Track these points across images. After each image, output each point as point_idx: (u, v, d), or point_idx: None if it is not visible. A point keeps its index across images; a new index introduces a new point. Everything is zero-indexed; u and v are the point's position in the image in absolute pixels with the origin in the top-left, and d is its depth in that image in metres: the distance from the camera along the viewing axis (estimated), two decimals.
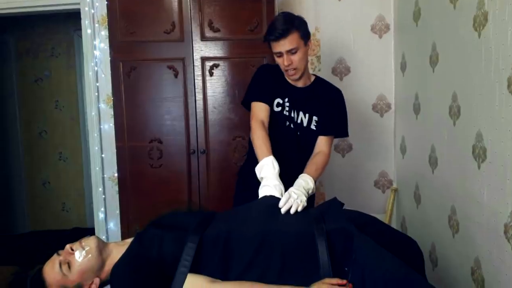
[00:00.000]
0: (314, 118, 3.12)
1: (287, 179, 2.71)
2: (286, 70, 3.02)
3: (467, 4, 2.98)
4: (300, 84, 3.15)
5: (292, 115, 3.12)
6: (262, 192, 2.65)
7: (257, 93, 3.14)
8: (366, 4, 4.69)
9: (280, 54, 2.95)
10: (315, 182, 2.86)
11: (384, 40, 4.72)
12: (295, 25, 2.90)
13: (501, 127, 2.61)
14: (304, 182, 2.75)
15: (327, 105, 3.16)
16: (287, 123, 3.11)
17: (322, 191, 4.78)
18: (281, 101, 3.12)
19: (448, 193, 3.42)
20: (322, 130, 3.14)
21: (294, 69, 2.99)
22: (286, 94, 3.12)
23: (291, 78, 3.08)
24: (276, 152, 2.85)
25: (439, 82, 3.51)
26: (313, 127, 3.13)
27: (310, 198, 3.04)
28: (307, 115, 3.12)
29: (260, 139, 2.95)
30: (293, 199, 2.46)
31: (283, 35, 2.86)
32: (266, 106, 3.08)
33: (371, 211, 3.03)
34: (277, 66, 3.11)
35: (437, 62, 3.54)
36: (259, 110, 3.08)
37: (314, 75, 3.28)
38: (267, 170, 2.74)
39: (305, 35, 2.97)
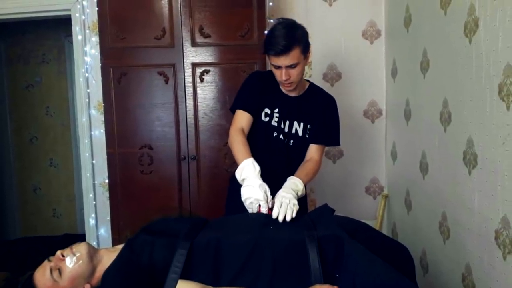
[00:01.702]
0: (308, 126, 3.10)
1: (275, 191, 2.68)
2: (283, 83, 2.96)
3: (458, 10, 2.98)
4: (293, 93, 3.09)
5: (282, 125, 3.08)
6: (245, 192, 2.61)
7: (243, 102, 3.12)
8: (357, 10, 4.69)
9: (278, 67, 2.87)
10: (304, 186, 2.83)
11: (375, 46, 4.71)
12: (297, 39, 2.80)
13: (492, 133, 2.61)
14: (293, 184, 2.72)
15: (320, 113, 3.12)
16: (275, 133, 3.08)
17: (313, 197, 4.77)
18: (269, 111, 3.08)
19: (439, 199, 3.42)
20: (314, 138, 3.11)
21: (291, 82, 2.93)
22: (277, 104, 3.09)
23: (286, 90, 3.05)
24: (264, 164, 2.78)
25: (430, 88, 3.51)
26: (307, 136, 3.10)
27: (303, 203, 3.07)
28: (301, 124, 3.09)
29: (239, 144, 2.92)
30: (286, 204, 2.45)
31: (284, 51, 2.76)
32: (249, 116, 3.05)
33: (362, 217, 3.03)
34: (270, 73, 3.07)
35: (428, 68, 3.54)
36: (241, 118, 3.06)
37: (307, 81, 3.23)
38: (248, 170, 2.70)
39: (306, 49, 2.89)
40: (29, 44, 7.23)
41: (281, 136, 3.08)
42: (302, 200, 2.87)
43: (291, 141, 3.10)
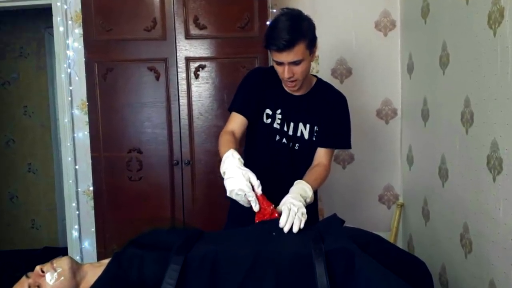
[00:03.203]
0: (315, 128, 3.05)
1: (279, 199, 2.68)
2: (285, 81, 2.91)
3: None
4: (298, 92, 3.04)
5: (285, 128, 3.05)
6: (227, 185, 2.58)
7: (238, 103, 3.11)
8: None
9: (280, 63, 2.80)
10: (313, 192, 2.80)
11: (390, 39, 4.72)
12: (303, 33, 2.72)
13: None
14: (301, 190, 2.68)
15: (328, 113, 3.05)
16: (278, 137, 3.05)
17: (320, 206, 4.73)
18: (271, 112, 3.05)
19: (460, 208, 3.42)
20: (322, 141, 3.07)
21: (295, 80, 2.87)
22: (279, 105, 3.05)
23: (290, 89, 3.00)
24: (267, 170, 2.78)
25: (450, 85, 3.51)
26: (314, 138, 3.06)
27: (314, 211, 3.10)
28: (307, 126, 3.05)
29: (223, 142, 2.90)
30: (294, 213, 2.44)
31: (288, 46, 2.68)
32: (243, 119, 3.04)
33: (375, 228, 3.02)
34: (272, 69, 3.02)
35: (447, 63, 3.54)
36: (233, 121, 3.05)
37: (315, 76, 3.18)
38: (227, 162, 2.67)
39: (312, 44, 2.81)
40: (5, 37, 7.23)
41: (284, 140, 3.06)
42: (312, 207, 2.89)
43: (296, 144, 3.07)
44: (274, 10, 4.32)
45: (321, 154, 3.07)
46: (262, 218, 2.54)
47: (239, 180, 2.56)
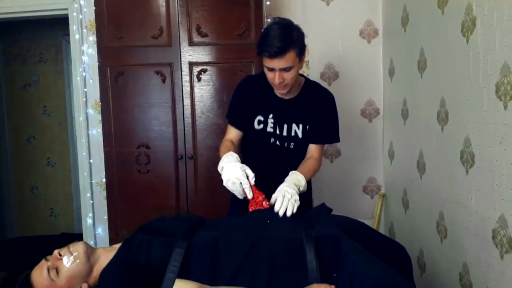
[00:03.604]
0: (307, 127, 3.02)
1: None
2: (276, 86, 2.86)
3: (455, 9, 2.98)
4: (288, 95, 3.01)
5: (278, 131, 3.03)
6: (224, 175, 2.62)
7: (231, 116, 3.13)
8: (355, 9, 4.69)
9: (271, 69, 2.75)
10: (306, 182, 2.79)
11: (373, 45, 4.71)
12: (293, 42, 2.68)
13: (489, 132, 2.60)
14: (295, 179, 2.68)
15: (318, 112, 3.03)
16: (272, 139, 3.04)
17: (311, 197, 4.77)
18: (262, 118, 3.03)
19: (436, 198, 3.41)
20: (314, 138, 3.05)
21: (285, 85, 2.82)
22: (271, 109, 3.02)
23: (280, 93, 2.97)
24: (263, 171, 2.74)
25: (427, 87, 3.51)
26: (307, 136, 3.04)
27: (308, 199, 3.11)
28: (300, 125, 3.02)
29: (224, 148, 2.92)
30: (287, 200, 2.45)
31: (279, 53, 2.64)
32: (237, 130, 3.07)
33: (360, 216, 3.03)
34: (262, 75, 2.98)
35: (425, 68, 3.53)
36: (230, 133, 3.09)
37: (303, 76, 3.14)
38: (226, 160, 2.69)
39: (301, 51, 2.78)
40: (27, 44, 7.22)
41: (278, 142, 3.03)
42: (306, 196, 2.88)
43: (292, 144, 3.04)
44: (269, 20, 4.31)
45: (312, 149, 3.06)
46: (255, 207, 2.54)
47: (235, 170, 2.58)
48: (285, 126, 3.02)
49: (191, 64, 3.88)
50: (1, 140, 7.25)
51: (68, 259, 2.13)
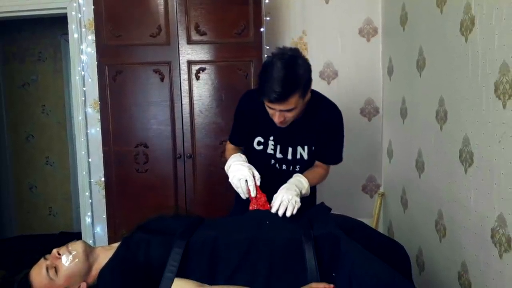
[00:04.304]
0: (313, 148, 2.86)
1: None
2: (275, 121, 2.62)
3: (454, 8, 2.98)
4: None
5: (280, 154, 2.88)
6: (231, 173, 2.64)
7: (233, 139, 3.09)
8: (354, 8, 4.70)
9: (272, 108, 2.54)
10: (310, 186, 2.72)
11: (372, 44, 4.71)
12: (297, 84, 2.44)
13: (488, 131, 2.60)
14: (297, 181, 2.63)
15: (324, 132, 2.83)
16: (272, 161, 2.92)
17: None
18: (262, 140, 2.90)
19: (435, 197, 3.42)
20: (319, 159, 2.94)
21: (286, 122, 2.63)
22: (272, 132, 2.85)
23: (280, 126, 2.68)
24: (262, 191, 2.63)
25: (426, 86, 3.51)
26: (312, 157, 2.91)
27: (311, 205, 2.90)
28: (306, 147, 2.86)
29: (230, 152, 2.96)
30: (287, 200, 2.44)
31: (280, 99, 2.43)
32: (238, 147, 3.05)
33: (359, 215, 3.02)
34: None
35: (424, 67, 3.53)
36: (230, 149, 3.07)
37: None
38: (233, 160, 2.69)
39: (306, 89, 2.53)
40: (25, 43, 7.21)
41: (280, 165, 2.91)
42: (309, 200, 2.83)
43: (297, 166, 2.90)
44: (268, 18, 4.31)
45: (319, 163, 2.96)
46: (257, 207, 2.54)
47: (242, 169, 2.59)
48: (290, 149, 2.88)
49: (190, 63, 3.88)
50: (0, 139, 7.24)
51: (67, 258, 2.13)
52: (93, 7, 3.93)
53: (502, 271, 2.54)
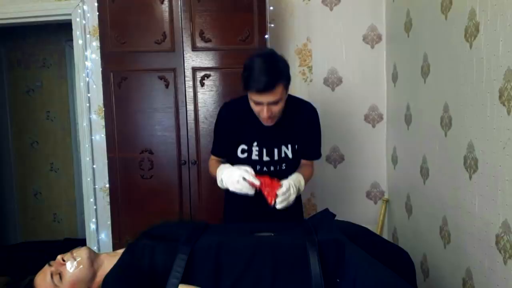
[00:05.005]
0: (296, 147, 3.02)
1: (271, 220, 2.68)
2: (263, 118, 2.79)
3: (459, 14, 2.98)
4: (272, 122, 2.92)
5: (265, 157, 2.98)
6: (228, 179, 2.68)
7: (216, 151, 3.18)
8: (358, 14, 4.70)
9: (259, 103, 2.70)
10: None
11: (376, 50, 4.71)
12: (281, 76, 2.63)
13: (493, 138, 2.60)
14: (297, 181, 2.75)
15: (304, 130, 3.03)
16: (258, 167, 2.98)
17: (313, 202, 4.77)
18: (246, 147, 2.98)
19: (439, 203, 3.41)
20: (304, 155, 3.10)
21: (273, 117, 2.78)
22: (255, 137, 2.97)
23: (266, 124, 2.87)
24: (250, 200, 2.72)
25: (431, 92, 3.51)
26: (296, 155, 3.04)
27: (299, 206, 3.18)
28: (289, 146, 3.01)
29: (213, 164, 3.06)
30: (292, 192, 2.61)
31: (268, 88, 2.58)
32: (220, 160, 3.11)
33: (363, 222, 3.02)
34: (241, 102, 2.94)
35: (428, 73, 3.53)
36: (213, 164, 3.11)
37: None
38: (222, 170, 2.76)
39: (288, 82, 2.74)
40: (30, 49, 7.25)
41: (266, 168, 2.98)
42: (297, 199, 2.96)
43: (283, 165, 3.02)
44: (272, 25, 4.32)
45: (304, 161, 3.12)
46: (269, 188, 2.62)
47: (232, 171, 2.66)
48: (276, 150, 2.99)
49: (194, 69, 3.89)
50: (4, 145, 7.27)
51: (72, 265, 2.14)
52: (97, 13, 3.94)
53: (507, 277, 2.54)
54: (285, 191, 2.58)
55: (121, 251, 2.27)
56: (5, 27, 5.38)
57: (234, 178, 2.61)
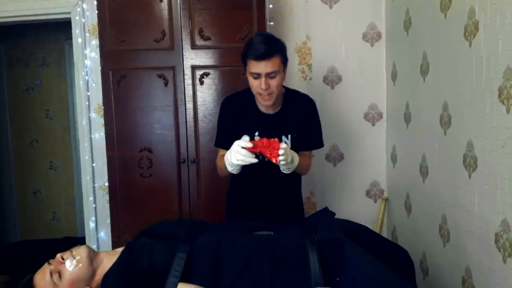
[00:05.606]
0: (294, 136, 3.06)
1: (272, 209, 2.71)
2: (260, 94, 2.85)
3: (458, 13, 2.98)
4: (271, 110, 3.06)
5: None
6: (231, 158, 2.68)
7: (219, 142, 3.18)
8: (358, 13, 4.69)
9: (257, 76, 2.78)
10: (297, 173, 3.05)
11: (376, 49, 4.71)
12: (279, 47, 2.80)
13: (492, 136, 2.60)
14: (293, 153, 2.79)
15: (302, 120, 3.10)
16: (261, 157, 2.91)
17: (313, 201, 4.77)
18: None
19: (439, 202, 3.41)
20: (301, 146, 3.11)
21: (270, 93, 2.84)
22: (257, 127, 3.05)
23: (265, 103, 2.95)
24: (255, 186, 2.89)
25: (430, 91, 3.51)
26: (295, 145, 3.06)
27: (299, 206, 3.24)
28: (289, 135, 3.06)
29: (220, 159, 3.01)
30: (289, 154, 2.63)
31: (266, 55, 2.70)
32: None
33: (363, 220, 3.01)
34: (243, 94, 3.07)
35: (427, 71, 3.53)
36: (222, 152, 3.08)
37: (283, 87, 3.09)
38: (227, 155, 2.75)
39: (285, 60, 2.87)
40: (29, 47, 7.24)
41: (266, 158, 2.92)
42: (297, 198, 3.12)
43: None
44: (272, 23, 4.32)
45: (304, 152, 3.13)
46: (268, 151, 2.64)
47: (230, 150, 2.69)
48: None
49: (194, 68, 3.89)
50: (4, 143, 7.27)
51: (71, 263, 2.14)
52: (97, 12, 3.94)
53: (506, 276, 2.54)
54: (285, 147, 2.60)
55: (120, 249, 2.27)
56: (5, 25, 5.37)
57: (233, 148, 2.63)
